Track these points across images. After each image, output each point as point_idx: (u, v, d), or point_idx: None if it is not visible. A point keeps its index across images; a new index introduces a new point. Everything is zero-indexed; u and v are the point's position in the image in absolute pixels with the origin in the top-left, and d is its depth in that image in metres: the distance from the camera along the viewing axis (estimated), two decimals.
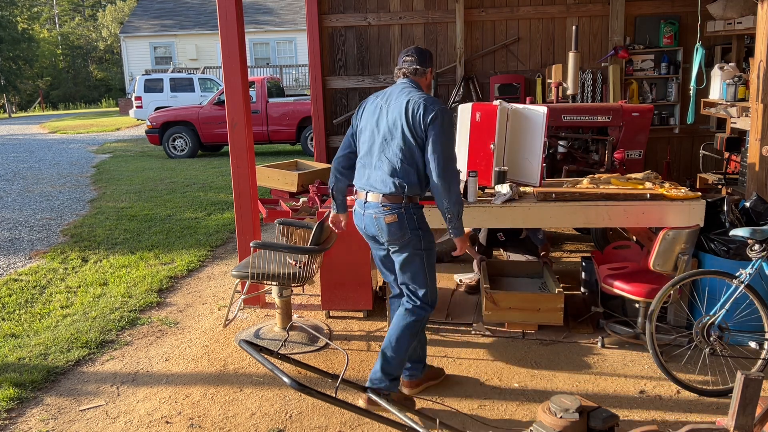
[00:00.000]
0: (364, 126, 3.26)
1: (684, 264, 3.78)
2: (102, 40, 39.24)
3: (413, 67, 3.22)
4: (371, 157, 3.20)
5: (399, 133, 3.09)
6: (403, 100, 3.11)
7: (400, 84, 3.23)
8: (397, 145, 3.10)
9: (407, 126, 3.07)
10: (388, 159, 3.13)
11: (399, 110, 3.10)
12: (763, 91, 4.37)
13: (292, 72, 24.98)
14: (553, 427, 2.16)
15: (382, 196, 3.13)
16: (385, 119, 3.16)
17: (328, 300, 4.58)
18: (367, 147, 3.23)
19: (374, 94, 3.31)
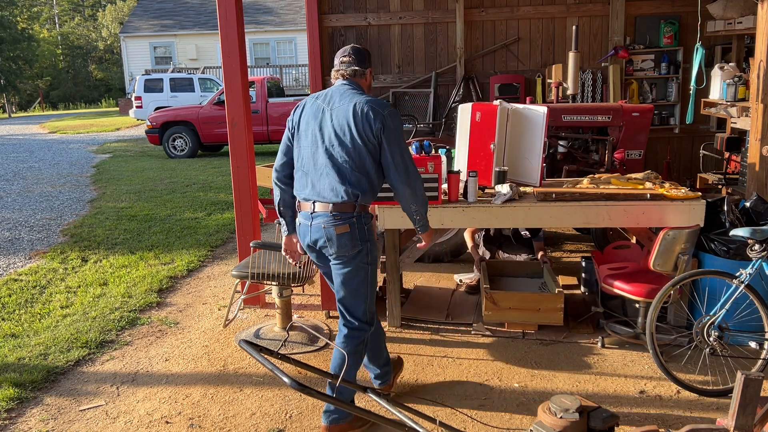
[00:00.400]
0: (305, 130, 3.03)
1: (684, 264, 3.78)
2: (102, 40, 39.25)
3: (352, 68, 3.04)
4: (315, 164, 2.98)
5: (348, 139, 2.92)
6: (348, 104, 2.94)
7: (340, 86, 3.04)
8: (346, 152, 2.93)
9: (356, 132, 2.91)
10: (336, 166, 2.94)
11: (346, 115, 2.92)
12: (763, 91, 4.37)
13: (292, 72, 24.98)
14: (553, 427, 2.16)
15: (332, 205, 2.95)
16: (329, 124, 2.96)
17: (328, 300, 4.58)
18: (309, 153, 3.00)
19: (313, 95, 3.09)
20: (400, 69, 7.78)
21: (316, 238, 3.01)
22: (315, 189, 2.99)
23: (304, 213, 3.04)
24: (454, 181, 4.19)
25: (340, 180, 2.94)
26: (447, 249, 5.73)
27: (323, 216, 2.97)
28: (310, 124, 3.01)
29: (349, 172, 2.94)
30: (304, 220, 3.05)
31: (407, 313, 4.55)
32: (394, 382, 3.55)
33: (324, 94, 3.06)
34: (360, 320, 3.13)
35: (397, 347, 4.12)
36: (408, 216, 3.13)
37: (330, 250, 3.01)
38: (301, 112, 3.08)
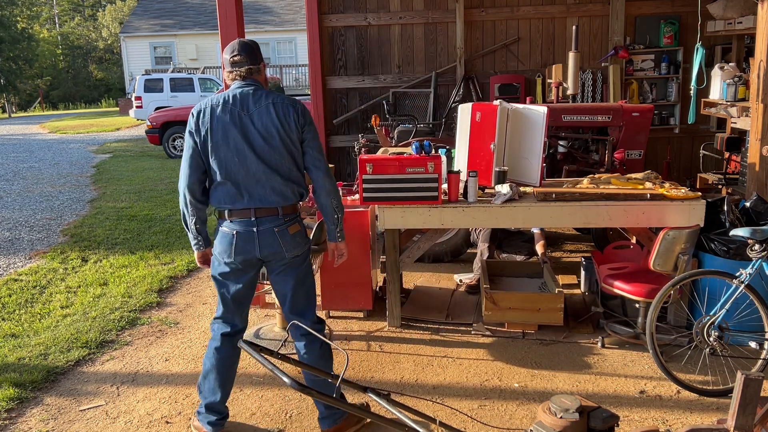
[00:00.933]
0: (222, 139, 2.84)
1: (684, 264, 3.78)
2: (102, 40, 39.24)
3: (247, 67, 2.91)
4: (247, 172, 2.86)
5: (277, 141, 2.86)
6: (266, 105, 2.87)
7: (244, 88, 2.90)
8: (279, 154, 2.87)
9: (284, 132, 2.87)
10: (274, 170, 2.88)
11: (268, 116, 2.85)
12: (763, 91, 4.37)
13: (292, 72, 24.98)
14: (553, 427, 2.16)
15: (281, 208, 2.91)
16: (253, 129, 2.85)
17: (328, 300, 4.58)
18: (236, 162, 2.86)
19: (212, 102, 2.88)
20: (400, 69, 7.78)
21: (267, 246, 2.90)
22: (254, 197, 2.89)
23: (243, 221, 2.89)
24: (454, 181, 4.19)
25: (283, 182, 2.90)
26: (447, 249, 5.72)
27: (272, 220, 2.90)
28: (229, 132, 2.85)
29: (288, 173, 2.92)
30: (244, 228, 2.89)
31: (407, 313, 4.55)
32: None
33: (231, 98, 2.88)
34: (318, 319, 3.15)
35: (397, 347, 4.12)
36: (326, 218, 3.07)
37: (285, 254, 2.94)
38: (209, 124, 2.85)
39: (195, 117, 2.89)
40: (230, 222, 2.91)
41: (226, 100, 2.88)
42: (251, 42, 2.98)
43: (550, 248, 6.22)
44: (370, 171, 4.09)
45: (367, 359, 3.97)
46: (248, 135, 2.86)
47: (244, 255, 2.91)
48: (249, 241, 2.89)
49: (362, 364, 3.91)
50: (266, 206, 2.89)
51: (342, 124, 7.96)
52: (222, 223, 2.96)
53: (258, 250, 2.90)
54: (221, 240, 2.95)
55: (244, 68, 2.91)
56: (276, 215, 2.91)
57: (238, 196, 2.89)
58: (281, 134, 2.87)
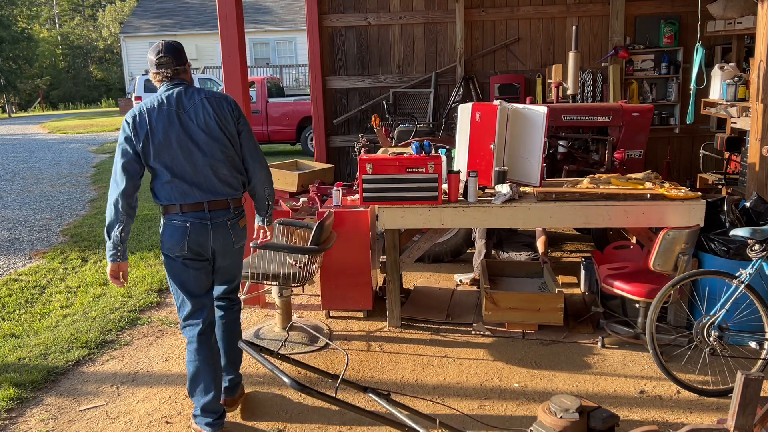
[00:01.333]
0: (164, 141, 2.92)
1: (684, 264, 3.78)
2: (102, 40, 39.23)
3: (173, 68, 3.00)
4: (193, 167, 2.96)
5: (218, 134, 2.99)
6: (200, 101, 2.98)
7: (173, 88, 2.99)
8: (220, 147, 3.00)
9: (222, 125, 3.00)
10: (219, 160, 3.00)
11: (205, 110, 2.97)
12: (763, 91, 4.37)
13: (292, 72, 24.96)
14: (553, 427, 2.16)
15: (231, 200, 3.05)
16: (192, 124, 2.95)
17: (328, 300, 4.58)
18: (181, 159, 2.94)
19: (145, 108, 2.95)
20: (400, 69, 7.79)
21: (220, 237, 3.04)
22: (204, 190, 2.99)
23: (194, 214, 2.98)
24: (454, 181, 4.19)
25: (229, 172, 3.04)
26: (447, 249, 5.72)
27: (224, 213, 3.04)
28: (171, 132, 2.93)
29: (232, 162, 3.06)
30: (198, 221, 2.98)
31: (407, 313, 4.55)
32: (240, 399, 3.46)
33: (165, 100, 2.96)
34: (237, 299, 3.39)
35: (397, 347, 4.12)
36: (259, 205, 3.28)
37: (233, 246, 3.11)
38: (148, 127, 2.91)
39: (131, 123, 2.93)
40: (182, 215, 2.99)
41: (160, 103, 2.96)
42: (176, 43, 3.07)
43: (550, 248, 6.22)
44: (370, 171, 4.09)
45: (367, 359, 3.97)
46: (190, 132, 2.95)
47: (197, 246, 3.01)
48: (203, 233, 3.00)
49: (362, 364, 3.91)
50: (218, 198, 3.02)
51: (342, 124, 7.96)
52: (172, 218, 3.00)
53: (211, 241, 3.03)
54: (173, 233, 3.00)
55: (170, 69, 2.99)
56: (228, 208, 3.06)
57: (190, 191, 2.98)
58: (221, 126, 3.00)
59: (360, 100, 7.91)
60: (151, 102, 2.97)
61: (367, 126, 7.64)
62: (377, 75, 7.82)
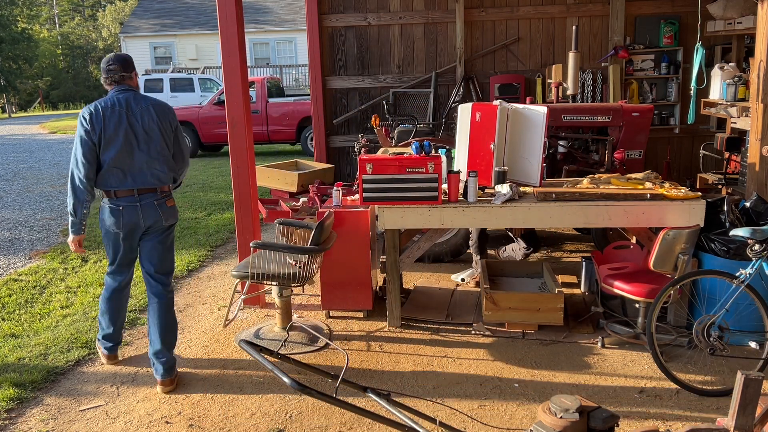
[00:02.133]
0: (112, 137, 3.48)
1: (684, 264, 3.78)
2: (102, 40, 39.23)
3: (120, 74, 3.57)
4: (131, 161, 3.54)
5: (157, 137, 3.59)
6: (145, 106, 3.58)
7: (123, 91, 3.57)
8: (156, 148, 3.59)
9: (162, 128, 3.60)
10: (154, 158, 3.58)
11: (149, 115, 3.56)
12: (763, 91, 4.37)
13: (292, 72, 24.96)
14: (553, 427, 2.16)
15: (159, 188, 3.63)
16: (139, 126, 3.54)
17: (328, 300, 4.58)
18: (124, 153, 3.51)
19: (99, 108, 3.49)
20: (400, 69, 7.79)
21: (149, 217, 3.61)
22: (137, 180, 3.56)
23: (126, 198, 3.56)
24: (454, 181, 4.19)
25: (160, 169, 3.62)
26: (447, 249, 5.72)
27: (152, 196, 3.61)
28: (118, 130, 3.50)
29: (165, 161, 3.64)
30: (129, 204, 3.56)
31: (407, 313, 4.55)
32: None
33: (116, 101, 3.53)
34: (170, 282, 3.85)
35: (397, 347, 4.12)
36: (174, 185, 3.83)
37: (163, 223, 3.67)
38: (102, 124, 3.48)
39: (88, 118, 3.48)
40: (116, 199, 3.57)
41: (113, 104, 3.53)
42: (125, 55, 3.68)
43: (550, 248, 6.23)
44: (370, 171, 4.09)
45: (367, 359, 3.97)
46: (134, 131, 3.54)
47: (130, 225, 3.59)
48: (133, 214, 3.58)
49: (362, 364, 3.91)
50: (146, 187, 3.59)
51: (342, 124, 7.96)
52: (109, 201, 3.59)
53: (142, 220, 3.60)
54: (109, 216, 3.60)
55: (117, 75, 3.58)
56: (155, 192, 3.63)
57: (124, 180, 3.55)
58: (161, 130, 3.61)
59: (360, 100, 7.92)
60: (105, 102, 3.53)
61: (367, 126, 7.65)
62: (377, 75, 7.82)
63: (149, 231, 3.67)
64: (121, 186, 3.55)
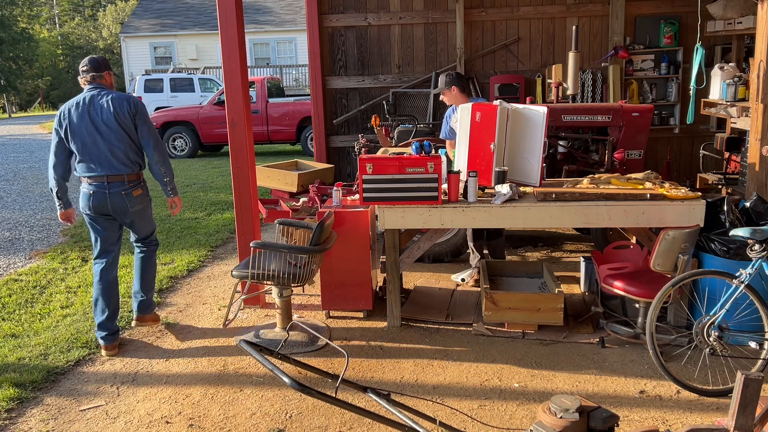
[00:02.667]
0: (77, 130, 3.96)
1: (684, 264, 3.78)
2: (102, 40, 39.23)
3: (90, 74, 4.05)
4: (97, 150, 3.98)
5: (116, 126, 3.97)
6: (105, 101, 3.98)
7: (90, 90, 4.03)
8: (118, 135, 3.99)
9: (120, 120, 3.98)
10: (116, 146, 3.98)
11: (108, 109, 3.97)
12: (763, 91, 4.37)
13: (292, 72, 24.96)
14: (553, 427, 2.16)
15: (126, 176, 4.02)
16: (99, 118, 3.96)
17: (328, 300, 4.58)
18: (89, 144, 3.97)
19: (70, 105, 4.01)
20: (400, 69, 7.79)
21: (117, 203, 4.03)
22: (104, 167, 3.98)
23: (96, 184, 4.00)
24: (454, 181, 4.19)
25: (124, 156, 4.01)
26: (447, 249, 5.73)
27: (120, 185, 4.02)
28: (81, 125, 3.96)
29: (127, 149, 4.03)
30: (98, 189, 4.00)
31: (407, 313, 4.55)
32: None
33: (81, 100, 4.00)
34: (155, 241, 4.42)
35: (397, 347, 4.12)
36: (159, 181, 4.19)
37: (130, 209, 4.08)
38: (68, 120, 3.98)
39: (59, 116, 4.03)
40: (88, 185, 4.03)
41: (78, 102, 4.01)
42: (98, 57, 4.16)
43: (550, 248, 6.23)
44: (370, 171, 4.10)
45: (367, 359, 3.97)
46: (96, 124, 3.97)
47: (97, 208, 4.05)
48: (102, 199, 4.01)
49: (362, 364, 3.91)
50: (115, 173, 4.00)
51: (342, 124, 7.96)
52: (83, 186, 4.06)
53: (109, 205, 4.03)
54: (82, 198, 4.07)
55: (89, 75, 4.05)
56: (123, 181, 4.03)
57: (92, 168, 4.00)
58: (119, 121, 3.98)
59: (360, 100, 7.92)
60: (74, 101, 4.02)
61: (367, 126, 7.64)
62: (377, 75, 7.82)
63: (119, 214, 4.09)
64: (91, 173, 4.00)
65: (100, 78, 4.08)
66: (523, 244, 6.38)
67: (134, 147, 4.07)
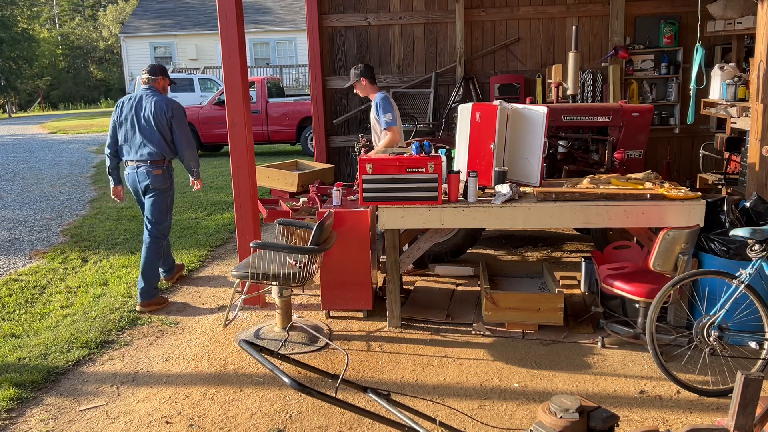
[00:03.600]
0: (125, 120, 4.90)
1: (684, 264, 3.78)
2: (102, 40, 39.22)
3: (146, 77, 4.99)
4: (134, 140, 4.89)
5: (152, 123, 4.83)
6: (149, 102, 4.86)
7: (143, 90, 4.96)
8: (151, 131, 4.85)
9: (156, 118, 4.83)
10: (149, 139, 4.85)
11: (149, 109, 4.83)
12: (763, 91, 4.37)
13: (292, 72, 24.96)
14: (553, 427, 2.16)
15: (149, 161, 4.87)
16: (141, 115, 4.85)
17: (328, 300, 4.58)
18: (131, 133, 4.89)
19: (124, 99, 4.97)
20: (400, 69, 7.79)
21: (142, 180, 4.91)
22: (137, 154, 4.90)
23: (131, 167, 4.95)
24: (454, 181, 4.19)
25: (153, 148, 4.87)
26: (447, 249, 5.72)
27: (145, 166, 4.90)
28: (128, 116, 4.90)
29: (158, 143, 4.87)
30: (131, 171, 4.95)
31: (407, 313, 4.55)
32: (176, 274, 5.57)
33: (135, 96, 4.93)
34: (162, 232, 5.03)
35: (397, 347, 4.12)
36: (188, 171, 5.12)
37: (150, 186, 4.91)
38: (120, 110, 4.94)
39: (117, 105, 4.98)
40: (126, 167, 5.01)
41: (132, 98, 4.94)
42: (158, 65, 5.08)
43: (550, 248, 6.23)
44: (370, 171, 4.10)
45: (367, 359, 3.97)
46: (137, 119, 4.87)
47: (132, 185, 5.00)
48: (134, 177, 4.95)
49: (362, 364, 3.91)
50: (143, 160, 4.89)
51: (342, 124, 7.96)
52: (125, 168, 5.03)
53: (138, 182, 4.94)
54: (126, 177, 5.04)
55: (145, 77, 5.00)
56: (146, 163, 4.89)
57: (129, 153, 4.94)
58: (155, 121, 4.84)
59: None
60: (130, 96, 4.94)
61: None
62: (377, 75, 7.80)
63: (146, 192, 4.93)
64: (128, 157, 4.94)
65: (154, 81, 4.96)
66: (523, 244, 6.38)
67: (164, 143, 4.88)
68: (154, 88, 4.94)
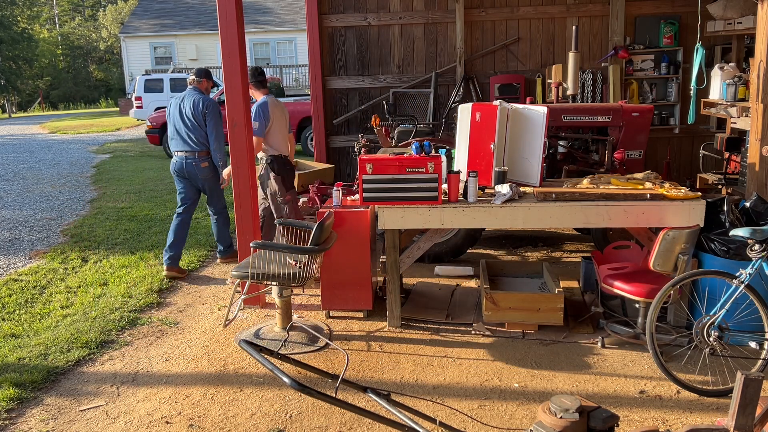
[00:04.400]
0: (173, 115, 5.62)
1: (684, 264, 3.78)
2: (102, 40, 39.21)
3: (193, 78, 5.71)
4: (180, 133, 5.58)
5: (192, 118, 5.54)
6: (192, 100, 5.57)
7: (189, 90, 5.69)
8: (192, 125, 5.54)
9: (195, 113, 5.54)
10: (192, 131, 5.54)
11: (190, 106, 5.55)
12: (763, 91, 4.37)
13: (292, 72, 24.96)
14: (553, 427, 2.16)
15: (197, 152, 5.55)
16: (185, 111, 5.55)
17: (328, 300, 4.58)
18: (179, 126, 5.57)
19: (174, 97, 5.73)
20: (400, 69, 7.79)
21: (188, 169, 5.58)
22: (183, 144, 5.57)
23: (178, 156, 5.61)
24: (454, 181, 4.19)
25: (196, 139, 5.56)
26: (447, 249, 5.72)
27: (192, 158, 5.58)
28: (174, 113, 5.61)
29: (198, 135, 5.57)
30: (179, 160, 5.60)
31: (407, 313, 4.55)
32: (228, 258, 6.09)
33: (181, 97, 5.66)
34: (223, 205, 5.91)
35: (397, 347, 4.12)
36: (215, 163, 5.64)
37: (200, 176, 5.61)
38: (170, 107, 5.66)
39: (169, 103, 5.74)
40: (174, 156, 5.67)
41: (180, 97, 5.69)
42: (204, 69, 5.88)
43: (550, 248, 6.23)
44: (370, 171, 4.10)
45: (367, 359, 3.97)
46: (183, 115, 5.58)
47: (178, 172, 5.65)
48: (180, 166, 5.62)
49: (362, 364, 3.91)
50: (189, 150, 5.57)
51: (342, 124, 7.96)
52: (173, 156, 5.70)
53: (184, 170, 5.60)
54: (171, 164, 5.70)
55: (192, 78, 5.73)
56: (194, 155, 5.58)
57: (177, 144, 5.63)
58: (194, 117, 5.55)
59: (360, 100, 7.91)
60: (180, 95, 5.71)
61: (367, 126, 7.63)
62: (377, 75, 7.82)
63: (192, 179, 5.62)
64: (175, 148, 5.63)
65: (199, 83, 5.69)
66: (523, 244, 6.38)
67: (204, 135, 5.59)
68: (198, 89, 5.66)
